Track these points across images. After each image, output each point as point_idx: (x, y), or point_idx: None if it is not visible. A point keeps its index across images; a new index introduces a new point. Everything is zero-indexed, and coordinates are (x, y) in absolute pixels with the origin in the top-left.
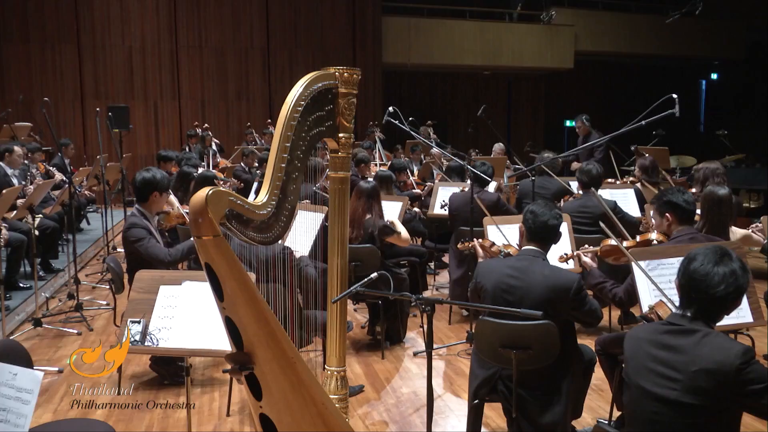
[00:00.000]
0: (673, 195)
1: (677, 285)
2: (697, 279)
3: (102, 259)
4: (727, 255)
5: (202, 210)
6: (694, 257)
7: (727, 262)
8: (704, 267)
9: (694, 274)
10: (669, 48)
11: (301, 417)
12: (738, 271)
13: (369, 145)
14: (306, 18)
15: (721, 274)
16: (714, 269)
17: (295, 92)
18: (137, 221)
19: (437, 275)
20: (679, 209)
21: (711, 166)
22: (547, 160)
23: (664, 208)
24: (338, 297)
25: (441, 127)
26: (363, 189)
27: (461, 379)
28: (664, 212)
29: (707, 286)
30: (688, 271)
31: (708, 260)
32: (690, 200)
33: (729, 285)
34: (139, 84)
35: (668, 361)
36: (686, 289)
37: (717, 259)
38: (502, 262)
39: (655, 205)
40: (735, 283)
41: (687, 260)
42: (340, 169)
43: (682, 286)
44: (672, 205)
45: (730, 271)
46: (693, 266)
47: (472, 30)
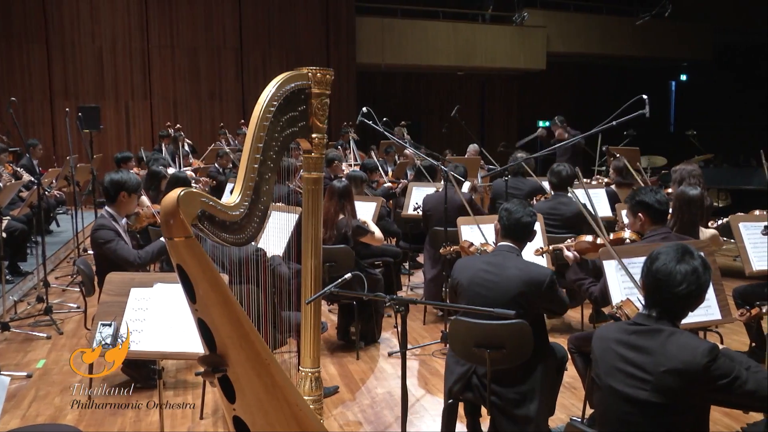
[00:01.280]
0: (645, 195)
1: (642, 285)
2: (659, 278)
3: (72, 261)
4: (688, 253)
5: (173, 211)
6: (657, 257)
7: (689, 260)
8: (666, 266)
9: (657, 274)
10: (639, 49)
11: (275, 419)
12: (699, 268)
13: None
14: (279, 18)
15: (683, 272)
16: (676, 268)
17: (268, 92)
18: (105, 222)
19: (412, 275)
20: (651, 209)
21: (688, 167)
22: (520, 160)
23: (636, 208)
24: (312, 298)
25: (415, 128)
26: (335, 189)
27: (436, 379)
28: (637, 212)
29: (670, 285)
30: (651, 271)
31: (670, 259)
32: (662, 200)
33: (691, 283)
34: (109, 84)
35: (637, 362)
36: (650, 289)
37: (679, 257)
38: (478, 259)
39: (628, 205)
40: (697, 281)
41: (650, 260)
42: (314, 169)
43: (646, 285)
44: (644, 205)
45: (692, 269)
46: (656, 266)
47: (445, 31)
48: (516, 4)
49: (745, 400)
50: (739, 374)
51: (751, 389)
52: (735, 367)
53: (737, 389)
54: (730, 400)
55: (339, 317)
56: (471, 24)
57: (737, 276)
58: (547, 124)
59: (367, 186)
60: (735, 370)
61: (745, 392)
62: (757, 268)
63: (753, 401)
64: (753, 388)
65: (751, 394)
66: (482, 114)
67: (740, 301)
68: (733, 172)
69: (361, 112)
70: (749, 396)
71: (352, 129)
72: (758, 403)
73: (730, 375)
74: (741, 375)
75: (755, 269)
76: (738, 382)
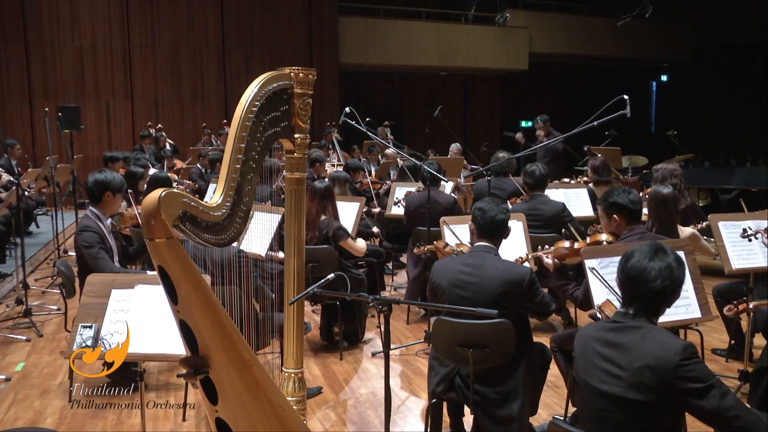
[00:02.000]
0: (618, 196)
1: (617, 283)
2: (634, 276)
3: (52, 263)
4: (661, 249)
5: (154, 212)
6: (631, 255)
7: (662, 256)
8: (640, 263)
9: (632, 271)
10: (621, 50)
11: (257, 420)
12: (673, 263)
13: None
14: (262, 18)
15: (657, 268)
16: (650, 264)
17: (250, 92)
18: (90, 224)
19: (395, 275)
20: (625, 210)
21: (669, 167)
22: (503, 161)
23: (610, 210)
24: (295, 298)
25: (398, 128)
26: (316, 189)
27: (420, 379)
28: (611, 214)
29: (645, 282)
30: (626, 269)
31: (643, 256)
32: (635, 200)
33: (665, 279)
34: (90, 83)
35: (613, 359)
36: (626, 287)
37: (652, 254)
38: (456, 260)
39: (601, 207)
40: (671, 276)
41: (624, 258)
42: (296, 169)
43: (622, 283)
44: (618, 206)
45: (665, 266)
46: (630, 263)
47: (428, 31)
48: (498, 5)
49: (723, 420)
50: (720, 387)
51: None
52: (715, 379)
53: (711, 400)
54: (704, 413)
55: (322, 318)
56: (454, 24)
57: (717, 274)
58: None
59: (351, 186)
60: (713, 381)
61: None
62: (736, 266)
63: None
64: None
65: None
66: (465, 114)
67: (720, 300)
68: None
69: (344, 112)
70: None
71: (335, 129)
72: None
73: (705, 381)
74: (721, 389)
75: (734, 268)
76: (713, 392)
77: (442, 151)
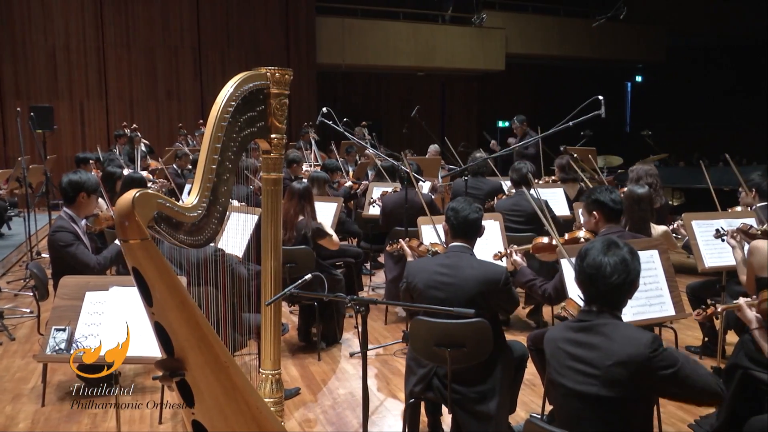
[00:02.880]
0: (601, 194)
1: (577, 283)
2: (591, 273)
3: (25, 265)
4: (613, 244)
5: (128, 213)
6: (586, 253)
7: (615, 250)
8: (596, 260)
9: (588, 269)
10: (596, 51)
11: (234, 422)
12: (627, 256)
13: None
14: (238, 17)
15: (612, 263)
16: (605, 260)
17: (226, 92)
18: (64, 224)
19: (373, 275)
20: (606, 208)
21: (644, 167)
22: (479, 160)
23: (592, 206)
24: (272, 299)
25: (376, 128)
26: (295, 190)
27: (398, 379)
28: (592, 210)
29: (603, 278)
30: (583, 268)
31: (597, 253)
32: (617, 199)
33: (621, 272)
34: (63, 83)
35: (585, 359)
36: (586, 285)
37: (605, 250)
38: (432, 261)
39: (583, 203)
40: (626, 269)
41: (580, 257)
42: (273, 170)
43: (581, 282)
44: (599, 203)
45: (620, 259)
46: (586, 262)
47: (405, 31)
48: (475, 6)
49: (692, 393)
50: (684, 366)
51: (698, 383)
52: (680, 359)
53: (684, 380)
54: (678, 393)
55: (300, 318)
56: (431, 25)
57: (691, 273)
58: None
59: (329, 186)
60: (680, 362)
61: (691, 385)
62: (709, 264)
63: (701, 395)
64: (699, 382)
65: (699, 389)
66: (442, 114)
67: (693, 297)
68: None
69: (321, 112)
70: (696, 390)
71: (312, 129)
72: (706, 398)
73: (675, 365)
74: (686, 366)
75: (707, 266)
76: (683, 372)
77: (420, 151)
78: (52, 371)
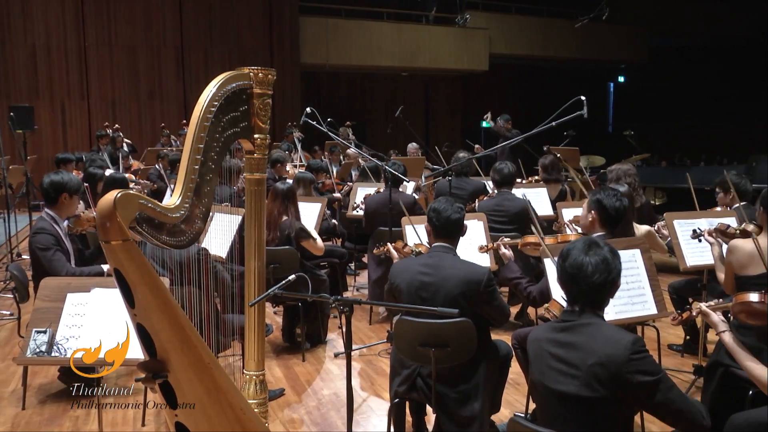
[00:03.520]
0: (606, 198)
1: (560, 284)
2: (573, 273)
3: (5, 266)
4: (594, 244)
5: (110, 213)
6: (567, 254)
7: (596, 250)
8: (577, 260)
9: (570, 269)
10: (578, 51)
11: (218, 423)
12: (608, 255)
13: (288, 146)
14: (221, 16)
15: (594, 263)
16: (586, 260)
17: (209, 92)
18: (46, 226)
19: (357, 276)
20: (605, 212)
21: (623, 167)
22: (463, 161)
23: (592, 205)
24: (256, 300)
25: (360, 128)
26: (279, 190)
27: (382, 379)
28: (591, 209)
29: (584, 278)
30: (565, 268)
31: (579, 253)
32: (619, 208)
33: (602, 272)
34: (44, 83)
35: (566, 359)
36: (568, 285)
37: (586, 249)
38: (415, 261)
39: (588, 198)
40: (607, 268)
41: (561, 258)
42: (256, 170)
43: (564, 283)
44: (600, 206)
45: (601, 259)
46: (568, 262)
47: (389, 31)
48: (458, 6)
49: (672, 413)
50: (667, 380)
51: (680, 405)
52: (662, 373)
53: (665, 394)
54: (656, 408)
55: (284, 319)
56: (415, 25)
57: (673, 272)
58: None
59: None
60: (662, 375)
61: (671, 403)
62: (690, 263)
63: (681, 420)
64: (682, 405)
65: (679, 411)
66: (426, 114)
67: (675, 296)
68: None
69: (305, 112)
70: (676, 411)
71: (296, 129)
72: (686, 424)
73: (655, 375)
74: (668, 382)
75: (689, 265)
76: (661, 385)
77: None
78: (32, 374)
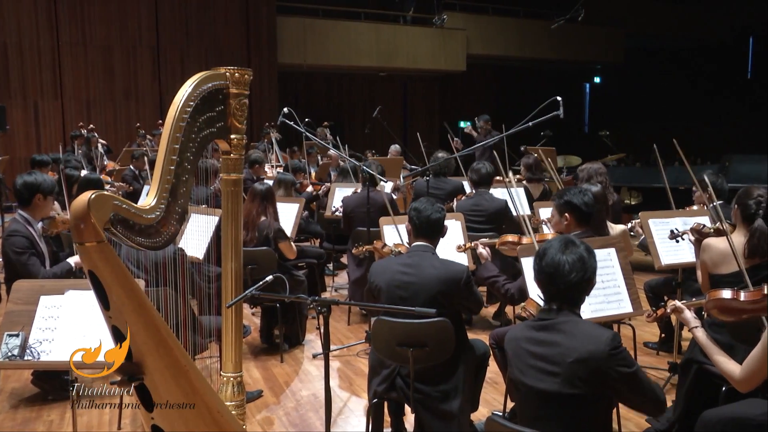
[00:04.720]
0: (574, 196)
1: (537, 283)
2: (550, 272)
3: None
4: (570, 242)
5: (84, 215)
6: (544, 253)
7: (573, 248)
8: (554, 259)
9: (547, 268)
10: (555, 52)
11: (195, 426)
12: (584, 254)
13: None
14: (197, 16)
15: (571, 261)
16: (563, 258)
17: (184, 92)
18: (20, 228)
19: (336, 276)
20: (578, 211)
21: (594, 166)
22: (441, 161)
23: (563, 208)
24: (233, 301)
25: (338, 128)
26: (257, 191)
27: (361, 379)
28: (564, 212)
29: (562, 276)
30: (541, 266)
31: (556, 252)
32: (590, 203)
33: (579, 270)
34: (16, 82)
35: (546, 356)
36: (545, 283)
37: (563, 248)
38: (394, 261)
39: (555, 203)
40: (584, 267)
41: (538, 257)
42: (233, 171)
43: (540, 281)
44: (572, 206)
45: (578, 257)
46: (545, 261)
47: (367, 32)
48: (436, 7)
49: (643, 398)
50: (640, 370)
51: (648, 391)
52: (637, 365)
53: (639, 384)
54: (630, 397)
55: (262, 320)
56: (392, 25)
57: (648, 270)
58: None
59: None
60: (636, 365)
61: (643, 391)
62: (665, 262)
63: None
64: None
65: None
66: (404, 114)
67: (651, 294)
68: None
69: (282, 112)
70: (646, 396)
71: (273, 129)
72: (652, 405)
73: (632, 366)
74: (641, 371)
75: (664, 263)
76: (639, 375)
77: (382, 151)
78: (5, 378)
